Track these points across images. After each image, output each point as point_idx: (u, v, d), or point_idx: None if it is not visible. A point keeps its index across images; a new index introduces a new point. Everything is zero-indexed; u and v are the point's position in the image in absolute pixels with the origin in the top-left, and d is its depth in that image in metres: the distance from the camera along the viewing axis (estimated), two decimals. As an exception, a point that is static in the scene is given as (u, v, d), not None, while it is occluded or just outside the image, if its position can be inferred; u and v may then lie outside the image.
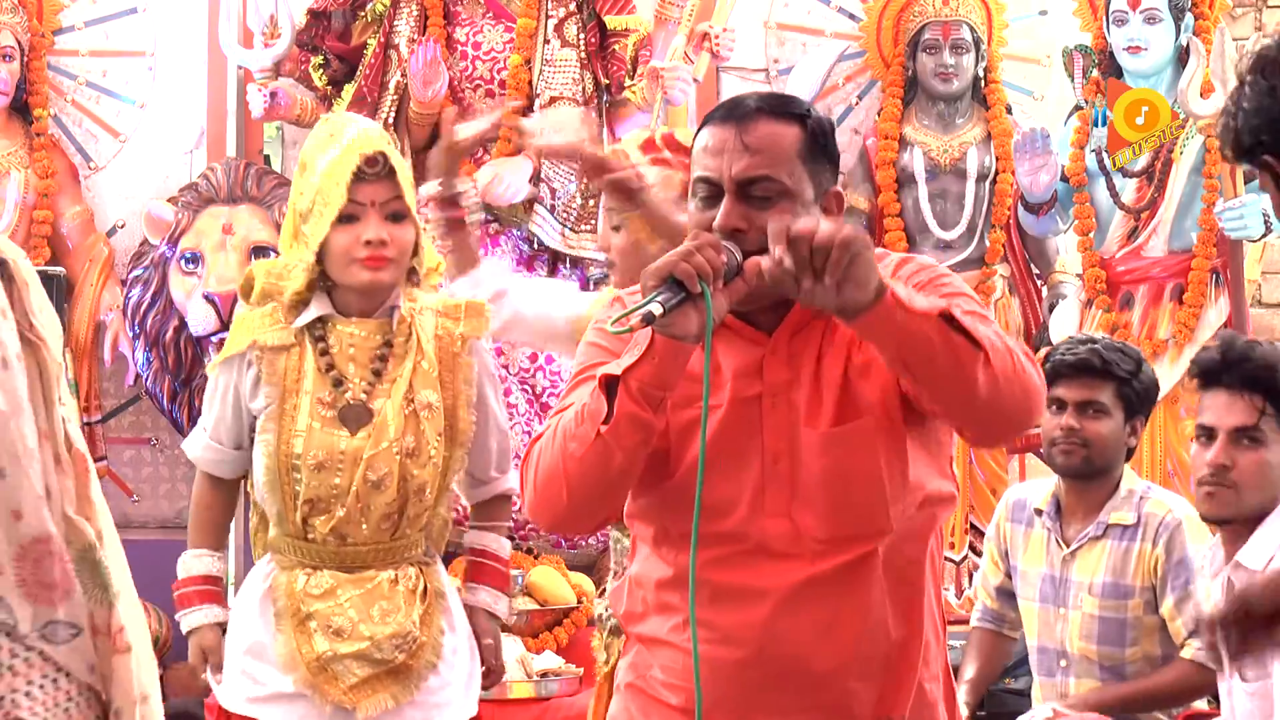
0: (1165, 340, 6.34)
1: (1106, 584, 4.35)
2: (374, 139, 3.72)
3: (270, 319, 3.76)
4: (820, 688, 2.72)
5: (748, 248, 2.63)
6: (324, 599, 3.70)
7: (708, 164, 2.70)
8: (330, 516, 3.68)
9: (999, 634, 4.72)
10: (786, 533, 2.68)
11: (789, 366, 2.72)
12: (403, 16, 6.49)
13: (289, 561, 3.74)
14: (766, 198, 2.67)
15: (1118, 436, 4.39)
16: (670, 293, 2.53)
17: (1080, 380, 4.38)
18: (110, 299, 6.56)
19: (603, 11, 6.48)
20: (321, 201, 3.67)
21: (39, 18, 6.67)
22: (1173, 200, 6.40)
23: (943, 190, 6.68)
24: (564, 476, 2.64)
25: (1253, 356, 3.77)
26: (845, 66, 6.93)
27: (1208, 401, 3.82)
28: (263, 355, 3.73)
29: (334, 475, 3.66)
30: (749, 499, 2.69)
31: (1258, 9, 7.98)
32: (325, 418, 3.69)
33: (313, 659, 3.67)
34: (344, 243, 3.68)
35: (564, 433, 2.64)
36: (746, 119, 2.69)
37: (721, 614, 2.66)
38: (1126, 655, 4.36)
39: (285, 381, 3.71)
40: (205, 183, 6.48)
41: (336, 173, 3.66)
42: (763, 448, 2.70)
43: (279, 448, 3.68)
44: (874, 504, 2.69)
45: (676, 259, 2.53)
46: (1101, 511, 4.40)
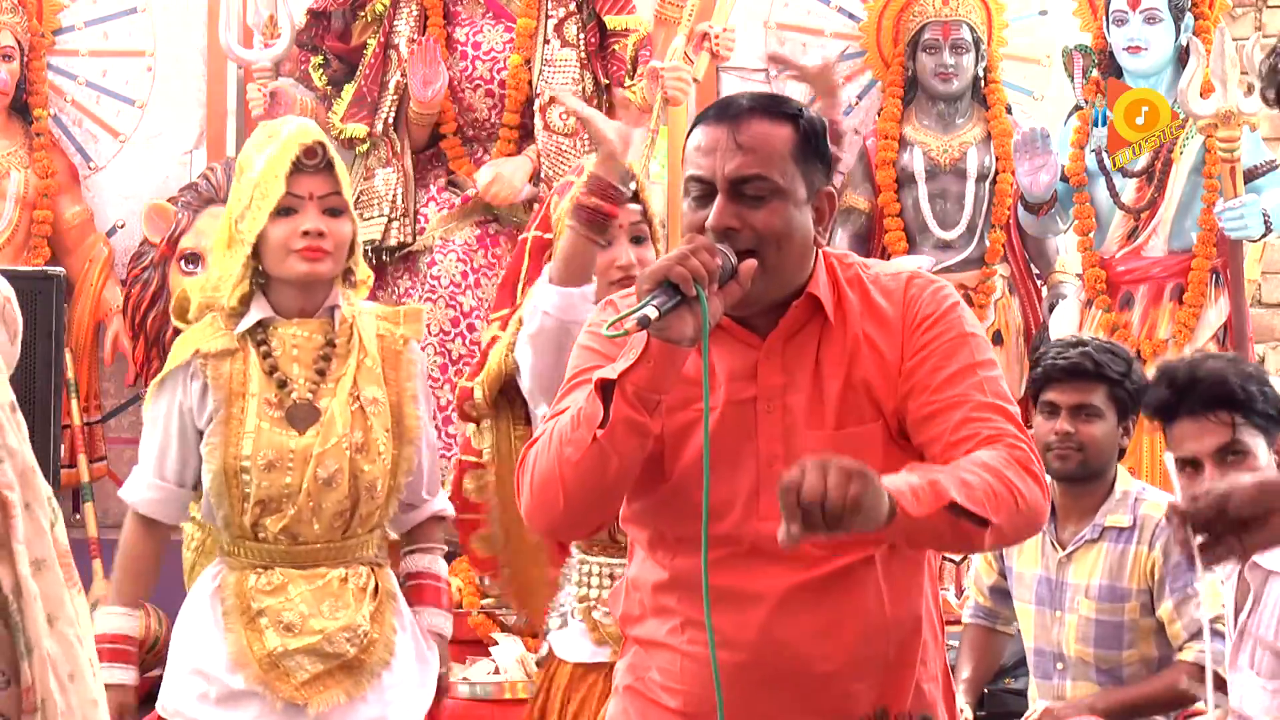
0: (1165, 340, 6.33)
1: (1103, 587, 4.35)
2: (311, 131, 3.74)
3: (210, 328, 3.73)
4: (819, 690, 2.72)
5: (741, 247, 2.65)
6: (274, 595, 3.68)
7: (700, 163, 2.70)
8: (282, 515, 3.66)
9: (992, 630, 4.72)
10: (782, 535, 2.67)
11: (784, 370, 2.72)
12: (403, 16, 6.49)
13: (239, 563, 3.72)
14: (759, 197, 2.68)
15: (1112, 438, 4.38)
16: (665, 296, 2.53)
17: (1073, 384, 4.37)
18: (110, 299, 6.56)
19: (603, 11, 6.48)
20: (259, 195, 3.66)
21: (39, 18, 6.67)
22: (1173, 200, 6.40)
23: (943, 190, 6.68)
24: (560, 481, 2.63)
25: (1200, 377, 3.75)
26: (845, 66, 6.92)
27: (1177, 434, 3.77)
28: (206, 362, 3.69)
29: (284, 475, 3.65)
30: (744, 502, 2.69)
31: (1258, 9, 7.99)
32: (273, 418, 3.67)
33: (263, 655, 3.65)
34: (281, 234, 3.66)
35: (560, 437, 2.63)
36: (739, 118, 2.70)
37: (718, 617, 2.64)
38: (1123, 658, 4.35)
39: (231, 386, 3.68)
40: (205, 183, 6.48)
41: (274, 165, 3.66)
42: (758, 451, 2.70)
43: (227, 450, 3.65)
44: None
45: (671, 262, 2.54)
46: (1097, 514, 4.39)
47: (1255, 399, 3.75)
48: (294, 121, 3.79)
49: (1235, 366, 3.82)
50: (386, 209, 6.36)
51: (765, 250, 2.67)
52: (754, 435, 2.70)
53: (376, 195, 6.37)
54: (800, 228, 2.71)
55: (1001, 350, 6.65)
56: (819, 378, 2.71)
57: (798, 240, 2.71)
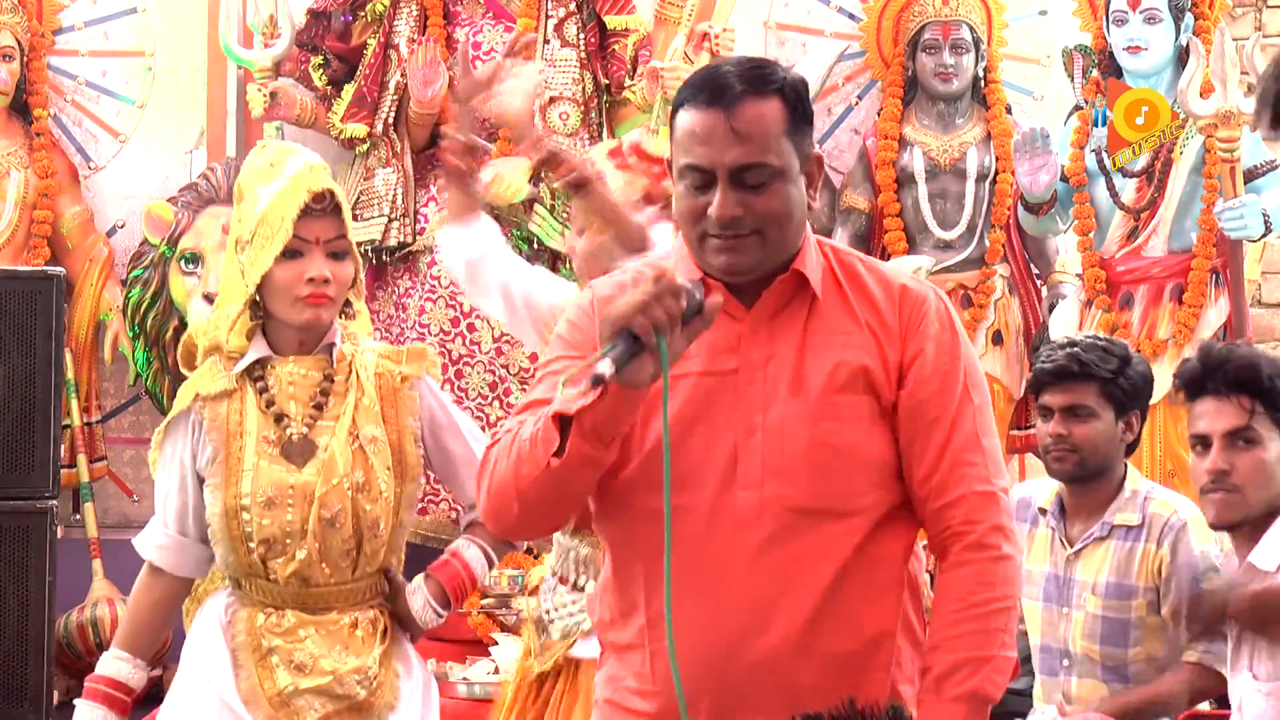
0: (1165, 340, 6.34)
1: (1110, 584, 4.35)
2: (321, 175, 3.69)
3: (210, 371, 3.71)
4: (791, 682, 2.70)
5: (744, 231, 2.69)
6: (285, 636, 3.67)
7: (698, 152, 2.71)
8: (290, 559, 3.62)
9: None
10: (756, 504, 2.69)
11: (768, 344, 2.74)
12: (402, 16, 6.49)
13: (250, 599, 3.69)
14: (759, 183, 2.70)
15: (1110, 436, 4.38)
16: (625, 346, 2.55)
17: (1062, 386, 4.38)
18: (110, 299, 6.57)
19: (603, 11, 6.48)
20: (265, 234, 3.63)
21: (39, 18, 6.67)
22: (1172, 200, 6.40)
23: (942, 190, 6.68)
24: (516, 494, 2.68)
25: (1232, 359, 3.77)
26: (845, 66, 6.93)
27: (1197, 411, 3.82)
28: (205, 405, 3.67)
29: (285, 512, 3.61)
30: (721, 470, 2.70)
31: (1258, 9, 7.99)
32: (271, 455, 3.64)
33: (274, 694, 3.63)
34: (287, 278, 3.63)
35: (518, 453, 2.67)
36: (733, 103, 2.70)
37: (687, 598, 2.66)
38: (1130, 655, 4.35)
39: (228, 426, 3.65)
40: (205, 183, 6.48)
41: (282, 206, 3.62)
42: (737, 421, 2.71)
43: (227, 490, 3.62)
44: (854, 478, 2.71)
45: (634, 311, 2.55)
46: (1106, 512, 4.39)
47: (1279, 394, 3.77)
48: (300, 157, 3.74)
49: (1271, 360, 3.83)
50: (386, 209, 6.36)
51: (768, 230, 2.71)
52: (735, 405, 2.72)
53: (376, 195, 6.38)
54: (798, 203, 2.75)
55: (1002, 350, 6.65)
56: (805, 352, 2.74)
57: (797, 216, 2.75)
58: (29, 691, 5.45)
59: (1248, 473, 3.75)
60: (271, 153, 3.77)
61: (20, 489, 5.49)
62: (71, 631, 6.08)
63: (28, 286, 5.57)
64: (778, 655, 2.69)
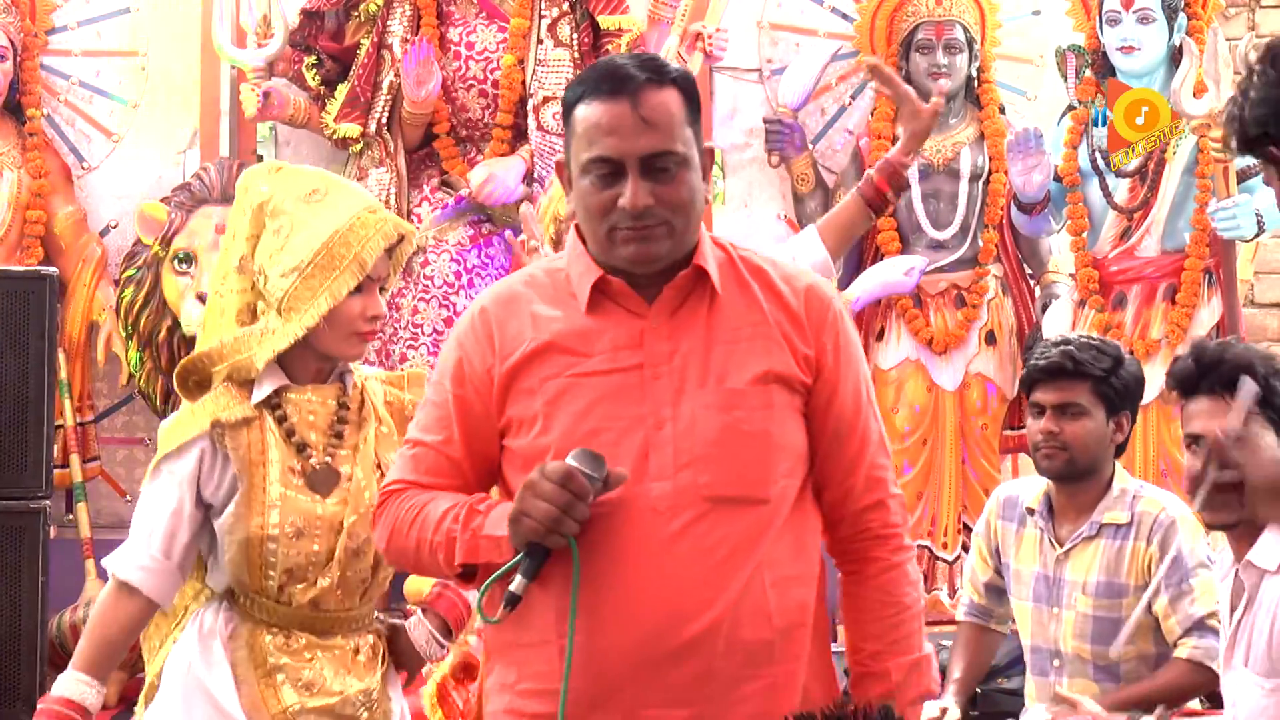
0: (1158, 340, 6.34)
1: (1100, 583, 4.35)
2: (399, 220, 3.72)
3: (225, 397, 3.63)
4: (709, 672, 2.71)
5: (656, 221, 2.73)
6: (294, 655, 3.64)
7: (606, 143, 2.74)
8: (310, 585, 3.61)
9: (986, 628, 4.72)
10: (670, 494, 2.71)
11: (670, 339, 2.77)
12: (396, 16, 6.49)
13: (252, 617, 3.64)
14: (667, 170, 2.74)
15: (1100, 435, 4.38)
16: (534, 561, 2.65)
17: (1055, 383, 4.38)
18: (103, 299, 6.56)
19: (596, 11, 6.48)
20: (332, 265, 3.57)
21: (31, 17, 6.67)
22: (1166, 200, 6.41)
23: (936, 190, 6.68)
24: (415, 566, 2.88)
25: (1226, 358, 3.77)
26: (838, 66, 6.93)
27: (1191, 410, 3.82)
28: (225, 433, 3.59)
29: (312, 542, 3.59)
30: (633, 465, 2.71)
31: (1251, 9, 7.99)
32: (297, 485, 3.61)
33: (278, 711, 3.60)
34: (351, 314, 3.60)
35: (417, 543, 2.80)
36: (637, 91, 2.74)
37: (603, 590, 2.68)
38: (1120, 654, 4.36)
39: (250, 455, 3.59)
40: (198, 183, 6.47)
41: (365, 242, 3.59)
42: (645, 415, 2.74)
43: (251, 520, 3.57)
44: (766, 464, 2.75)
45: (544, 528, 2.62)
46: (1094, 511, 4.40)
47: (1275, 393, 3.76)
48: (359, 195, 3.73)
49: (1265, 359, 3.83)
50: (380, 209, 6.36)
51: (676, 220, 2.76)
52: (641, 400, 2.75)
53: (370, 195, 6.37)
54: (699, 192, 2.81)
55: (995, 350, 6.65)
56: (711, 346, 2.77)
57: (698, 205, 2.81)
58: (21, 691, 5.45)
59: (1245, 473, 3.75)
60: (312, 179, 3.72)
61: (13, 489, 5.49)
62: (64, 631, 6.07)
63: (21, 286, 5.58)
64: (696, 645, 2.70)
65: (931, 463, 6.63)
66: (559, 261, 2.88)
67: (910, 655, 2.85)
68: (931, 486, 6.63)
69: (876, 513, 2.87)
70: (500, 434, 2.82)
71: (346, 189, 3.73)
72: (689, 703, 2.71)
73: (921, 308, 6.66)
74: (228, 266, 3.71)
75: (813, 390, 2.81)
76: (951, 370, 6.64)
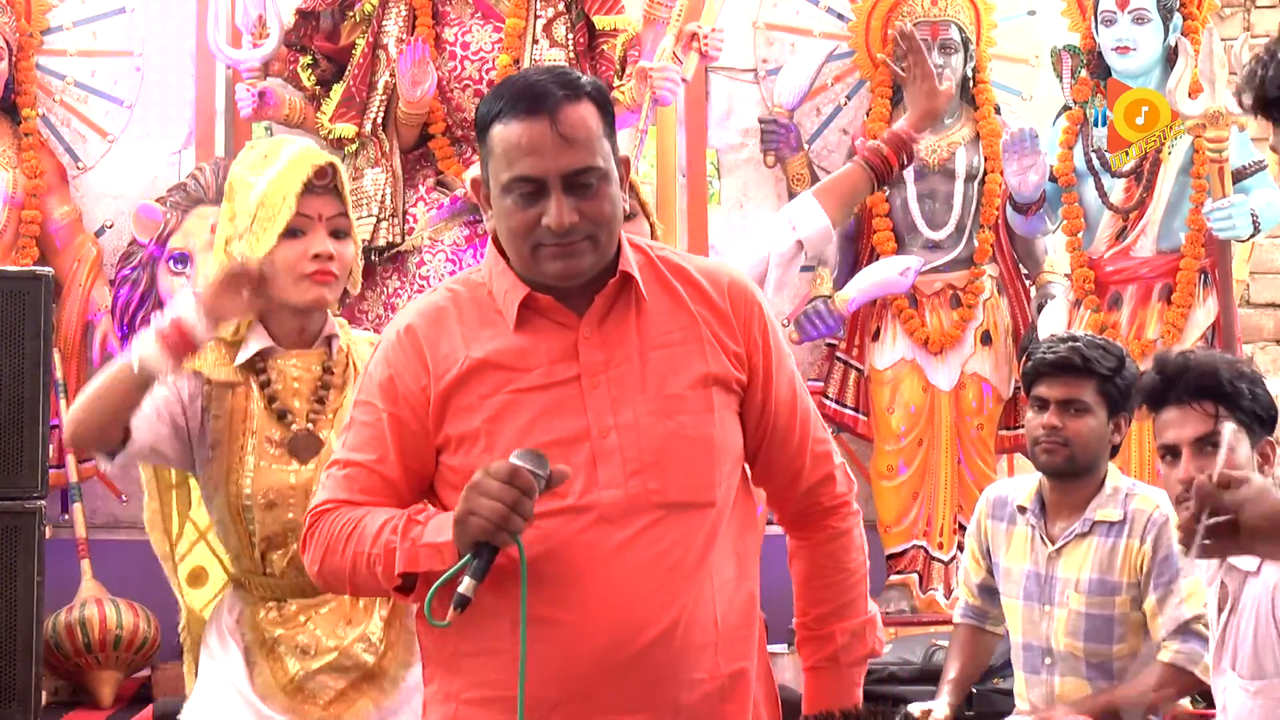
0: (1154, 340, 6.35)
1: (1093, 580, 4.35)
2: (321, 152, 3.68)
3: (213, 354, 3.65)
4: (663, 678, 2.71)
5: (579, 238, 2.71)
6: (287, 624, 3.65)
7: (528, 163, 2.71)
8: (287, 550, 3.61)
9: (981, 630, 4.71)
10: (623, 502, 2.71)
11: (604, 347, 2.76)
12: (391, 16, 6.49)
13: (250, 596, 3.68)
14: (588, 184, 2.73)
15: (1100, 435, 4.38)
16: (483, 561, 2.60)
17: (1061, 378, 4.38)
18: (99, 299, 6.56)
19: (591, 11, 6.48)
20: (265, 215, 3.58)
21: (27, 17, 6.67)
22: (1161, 200, 6.42)
23: (931, 190, 6.69)
24: (350, 586, 2.81)
25: (1190, 367, 3.77)
26: (834, 66, 6.94)
27: (1162, 421, 3.82)
28: (211, 389, 3.63)
29: (286, 511, 3.59)
30: (584, 475, 2.71)
31: (1246, 9, 8.00)
32: (273, 455, 3.61)
33: (286, 682, 3.62)
34: (291, 257, 3.58)
35: (353, 561, 2.74)
36: (555, 109, 2.72)
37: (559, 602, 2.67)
38: (1114, 651, 4.35)
39: (233, 420, 3.62)
40: (194, 183, 6.48)
41: (284, 185, 3.58)
42: (588, 425, 2.73)
43: (229, 489, 3.60)
44: (709, 468, 2.75)
45: (493, 525, 2.58)
46: (1087, 509, 4.40)
47: (1243, 395, 3.76)
48: (297, 143, 3.72)
49: (1229, 362, 3.83)
50: (375, 209, 6.36)
51: (600, 235, 2.74)
52: (583, 411, 2.74)
53: (365, 195, 6.37)
54: (619, 202, 2.79)
55: (990, 350, 6.66)
56: (643, 350, 2.77)
57: (619, 215, 2.79)
58: (17, 692, 5.44)
59: None
60: (264, 146, 3.74)
61: (8, 489, 5.49)
62: (59, 632, 6.07)
63: (16, 286, 5.57)
64: (651, 650, 2.70)
65: (927, 463, 6.63)
66: (477, 275, 2.86)
67: (856, 619, 2.93)
68: (927, 487, 6.63)
69: (825, 486, 2.92)
70: (437, 451, 2.80)
71: (288, 144, 3.72)
72: (644, 707, 2.71)
73: (917, 308, 6.66)
74: (219, 250, 3.72)
75: (747, 387, 2.83)
76: (947, 370, 6.65)
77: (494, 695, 2.73)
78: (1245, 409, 3.75)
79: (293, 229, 3.58)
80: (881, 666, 5.85)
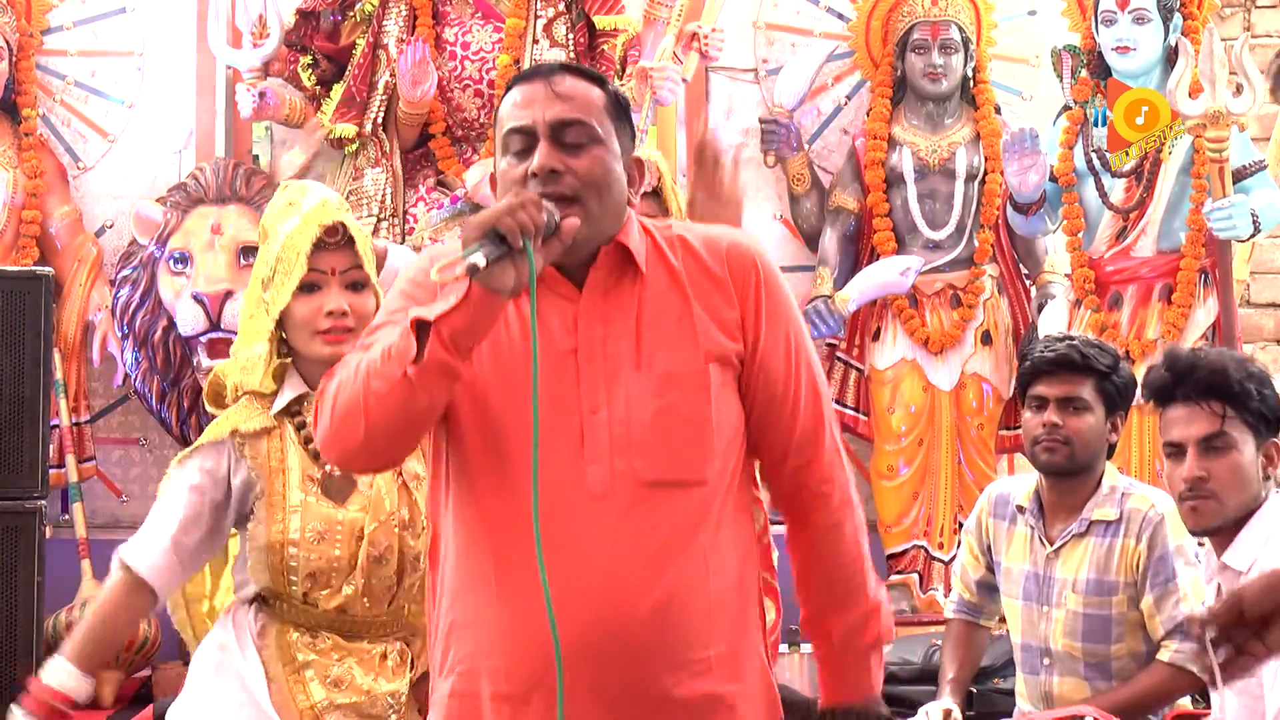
0: (1154, 340, 6.34)
1: (1090, 580, 4.36)
2: (332, 209, 3.70)
3: (247, 409, 3.69)
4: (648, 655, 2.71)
5: (565, 191, 2.70)
6: (321, 654, 3.66)
7: (519, 115, 2.75)
8: (335, 592, 3.63)
9: (975, 625, 4.72)
10: (606, 479, 2.70)
11: (603, 321, 2.76)
12: (391, 16, 6.49)
13: (281, 616, 3.67)
14: (579, 144, 2.74)
15: (1099, 433, 4.39)
16: (493, 246, 2.57)
17: (1060, 376, 4.38)
18: (99, 299, 6.56)
19: (591, 11, 6.48)
20: (283, 270, 3.65)
21: (27, 17, 6.67)
22: (1161, 200, 6.41)
23: (931, 190, 6.69)
24: (363, 413, 2.65)
25: (1200, 365, 3.77)
26: (834, 66, 6.94)
27: (1169, 418, 3.82)
28: (245, 442, 3.65)
29: (333, 547, 3.61)
30: (568, 450, 2.71)
31: (1246, 9, 8.00)
32: (315, 492, 3.64)
33: (306, 707, 3.61)
34: (305, 312, 3.64)
35: (368, 370, 2.65)
36: (553, 74, 2.77)
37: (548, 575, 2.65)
38: (1112, 651, 4.36)
39: (270, 464, 3.65)
40: (194, 183, 6.48)
41: (296, 242, 3.64)
42: (580, 398, 2.73)
43: (271, 527, 3.61)
44: (702, 447, 2.74)
45: (500, 214, 2.58)
46: (1084, 509, 4.40)
47: (1250, 396, 3.76)
48: (315, 193, 3.75)
49: (1239, 362, 3.83)
50: (375, 209, 6.36)
51: (588, 197, 2.73)
52: (576, 384, 2.73)
53: (365, 195, 6.38)
54: (618, 180, 2.78)
55: (990, 350, 6.66)
56: (641, 327, 2.76)
57: (616, 191, 2.78)
58: (17, 692, 5.44)
59: (1224, 478, 3.75)
60: (291, 192, 3.79)
61: (9, 489, 5.48)
62: (60, 631, 6.06)
63: (16, 286, 5.57)
64: (638, 627, 2.69)
65: (928, 463, 6.64)
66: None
67: (856, 610, 2.91)
68: (927, 486, 6.63)
69: (812, 467, 2.87)
70: None
71: (310, 194, 3.76)
72: (630, 684, 2.71)
73: (917, 308, 6.66)
74: (254, 287, 3.78)
75: (745, 356, 2.81)
76: (947, 370, 6.65)
77: (478, 666, 2.74)
78: (1252, 409, 3.75)
79: (307, 284, 3.64)
80: (882, 666, 5.85)
